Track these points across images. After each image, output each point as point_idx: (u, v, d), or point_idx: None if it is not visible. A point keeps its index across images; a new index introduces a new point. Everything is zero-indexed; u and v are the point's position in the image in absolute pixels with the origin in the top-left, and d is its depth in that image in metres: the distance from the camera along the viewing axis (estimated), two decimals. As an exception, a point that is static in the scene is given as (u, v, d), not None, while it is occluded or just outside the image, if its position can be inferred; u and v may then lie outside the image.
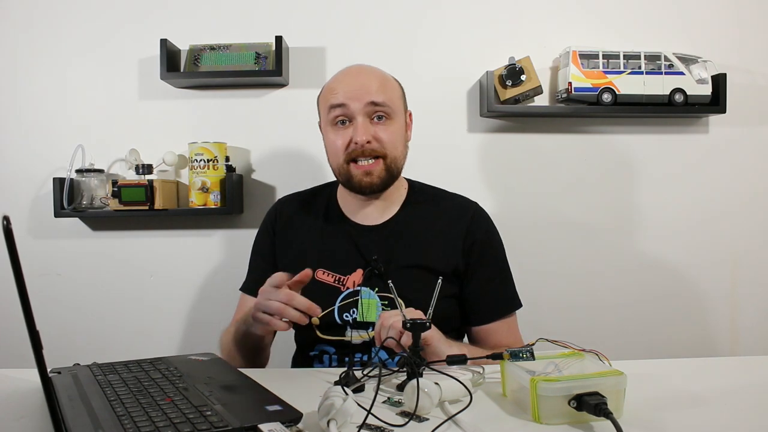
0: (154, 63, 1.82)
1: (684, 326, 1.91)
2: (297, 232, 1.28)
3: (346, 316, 1.18)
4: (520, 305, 1.26)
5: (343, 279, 1.20)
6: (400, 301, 0.97)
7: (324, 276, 1.21)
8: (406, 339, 0.93)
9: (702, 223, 1.91)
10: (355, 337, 1.16)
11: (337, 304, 1.18)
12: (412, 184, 1.32)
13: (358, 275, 1.19)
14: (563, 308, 1.89)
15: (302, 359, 1.26)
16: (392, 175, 1.20)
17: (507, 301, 1.25)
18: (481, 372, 0.93)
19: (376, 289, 1.18)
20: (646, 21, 1.88)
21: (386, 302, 1.17)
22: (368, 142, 1.15)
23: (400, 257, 1.20)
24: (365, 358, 1.16)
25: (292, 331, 1.30)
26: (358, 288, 1.18)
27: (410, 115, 1.29)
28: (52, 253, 1.88)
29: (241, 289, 1.33)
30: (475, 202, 1.30)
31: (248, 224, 1.87)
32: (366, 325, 1.17)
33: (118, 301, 1.89)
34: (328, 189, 1.33)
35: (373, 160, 1.17)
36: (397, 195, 1.27)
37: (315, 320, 1.17)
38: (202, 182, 1.76)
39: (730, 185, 1.91)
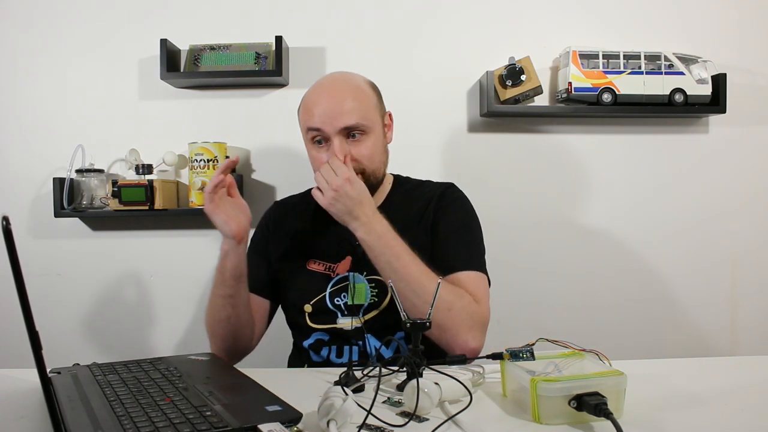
0: (154, 63, 1.82)
1: (684, 326, 1.91)
2: (289, 230, 1.32)
3: (337, 301, 1.21)
4: (471, 268, 1.18)
5: (333, 266, 1.24)
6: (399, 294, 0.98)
7: (315, 265, 1.25)
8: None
9: (702, 223, 1.90)
10: (347, 323, 1.19)
11: (328, 289, 1.22)
12: (397, 177, 1.35)
13: (347, 262, 1.23)
14: (563, 308, 1.89)
15: (299, 354, 1.27)
16: (372, 184, 1.22)
17: (457, 259, 1.19)
18: (481, 372, 0.93)
19: (365, 273, 1.21)
20: (646, 21, 1.88)
21: (374, 284, 1.20)
22: (344, 160, 1.16)
23: None
24: (360, 343, 1.19)
25: (288, 331, 1.31)
26: (348, 273, 1.22)
27: (390, 115, 1.29)
28: (52, 253, 1.88)
29: None
30: (451, 182, 1.32)
31: (248, 224, 1.87)
32: (357, 309, 1.20)
33: (118, 301, 1.89)
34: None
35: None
36: (381, 189, 1.29)
37: (307, 307, 1.21)
38: (202, 182, 1.76)
39: (730, 185, 1.91)
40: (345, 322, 1.20)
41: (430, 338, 1.07)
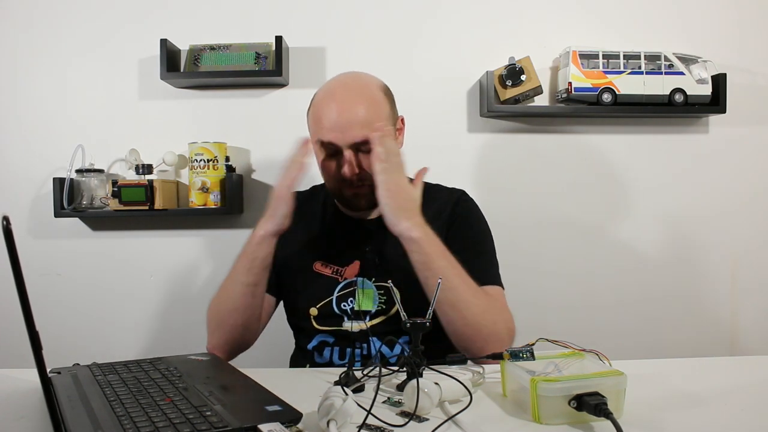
0: (154, 63, 1.82)
1: (684, 326, 1.91)
2: (295, 229, 1.29)
3: (344, 306, 1.20)
4: (494, 283, 1.20)
5: (341, 270, 1.22)
6: (398, 293, 0.98)
7: (322, 268, 1.24)
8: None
9: (702, 223, 1.91)
10: (354, 326, 1.18)
11: (335, 294, 1.21)
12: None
13: (355, 267, 1.21)
14: (563, 308, 1.89)
15: (302, 355, 1.27)
16: None
17: (479, 274, 1.17)
18: (481, 372, 0.93)
19: (373, 279, 1.20)
20: (646, 21, 1.88)
21: (382, 291, 1.19)
22: (356, 173, 1.15)
23: (395, 248, 1.20)
24: (364, 346, 1.18)
25: (290, 331, 1.30)
26: (356, 278, 1.21)
27: (402, 120, 1.27)
28: (52, 253, 1.88)
29: None
30: (462, 190, 1.32)
31: (248, 224, 1.87)
32: (363, 314, 1.19)
33: (118, 301, 1.89)
34: (325, 188, 1.34)
35: (361, 185, 1.17)
36: None
37: (313, 311, 1.20)
38: (202, 182, 1.76)
39: (730, 185, 1.91)
40: (352, 326, 1.18)
41: (460, 343, 1.07)
